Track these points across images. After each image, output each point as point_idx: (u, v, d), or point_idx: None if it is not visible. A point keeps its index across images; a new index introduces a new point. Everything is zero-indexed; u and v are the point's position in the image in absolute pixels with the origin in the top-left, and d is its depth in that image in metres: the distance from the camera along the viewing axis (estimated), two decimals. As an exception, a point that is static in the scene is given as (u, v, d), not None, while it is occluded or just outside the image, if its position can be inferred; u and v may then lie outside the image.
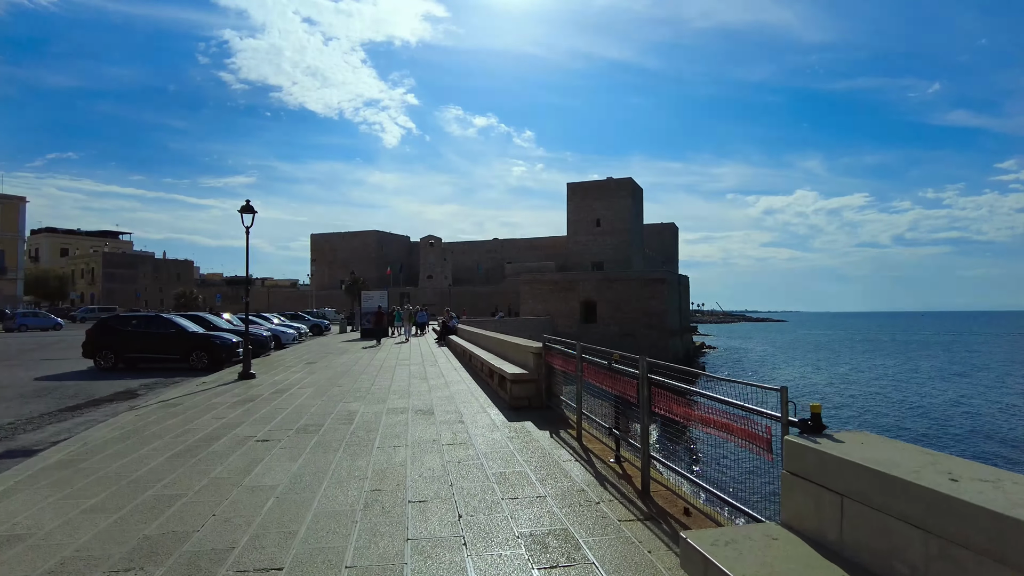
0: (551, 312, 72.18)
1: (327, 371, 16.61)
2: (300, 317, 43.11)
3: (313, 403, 11.06)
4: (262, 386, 13.58)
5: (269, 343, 23.24)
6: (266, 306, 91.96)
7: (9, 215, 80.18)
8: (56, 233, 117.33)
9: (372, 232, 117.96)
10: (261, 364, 18.88)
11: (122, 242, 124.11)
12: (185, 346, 18.64)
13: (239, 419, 9.58)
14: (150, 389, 14.39)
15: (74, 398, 12.96)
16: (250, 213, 15.49)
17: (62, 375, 17.07)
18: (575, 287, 74.05)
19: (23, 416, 10.82)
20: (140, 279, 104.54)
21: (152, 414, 10.21)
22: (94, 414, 11.09)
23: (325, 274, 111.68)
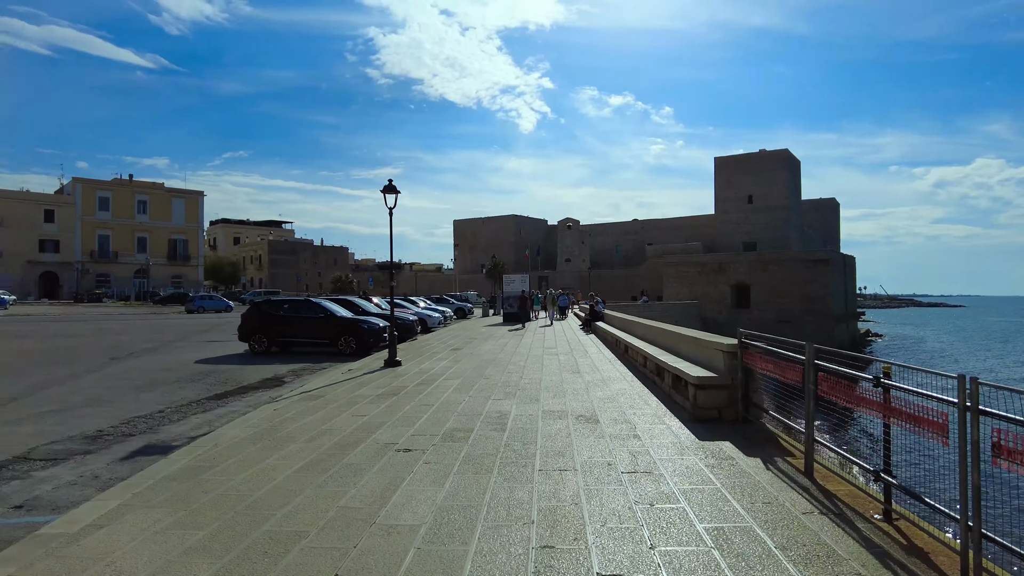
0: (698, 296, 68.00)
1: (473, 359, 15.53)
2: (445, 300, 43.34)
3: (460, 399, 9.82)
4: (407, 376, 12.66)
5: (415, 327, 22.82)
6: (413, 289, 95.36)
7: (191, 208, 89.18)
8: (230, 223, 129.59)
9: (510, 217, 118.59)
10: (407, 349, 18.28)
11: (285, 231, 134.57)
12: (334, 331, 18.47)
13: (381, 418, 8.50)
14: (297, 376, 14.03)
15: (224, 384, 12.78)
16: (393, 193, 14.66)
17: (219, 358, 17.44)
18: (725, 269, 69.07)
19: (173, 404, 10.56)
20: (301, 264, 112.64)
21: (291, 408, 9.46)
22: (237, 404, 10.62)
23: (467, 258, 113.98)
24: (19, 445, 7.72)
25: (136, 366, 15.70)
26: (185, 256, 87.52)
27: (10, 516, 5.38)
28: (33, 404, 10.49)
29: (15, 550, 4.40)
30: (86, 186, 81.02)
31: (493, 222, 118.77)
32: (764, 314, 62.54)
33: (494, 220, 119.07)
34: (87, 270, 78.48)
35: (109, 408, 10.13)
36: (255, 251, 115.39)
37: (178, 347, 20.96)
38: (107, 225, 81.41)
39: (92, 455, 7.28)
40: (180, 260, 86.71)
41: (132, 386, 12.46)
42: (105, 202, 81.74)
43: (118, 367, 15.53)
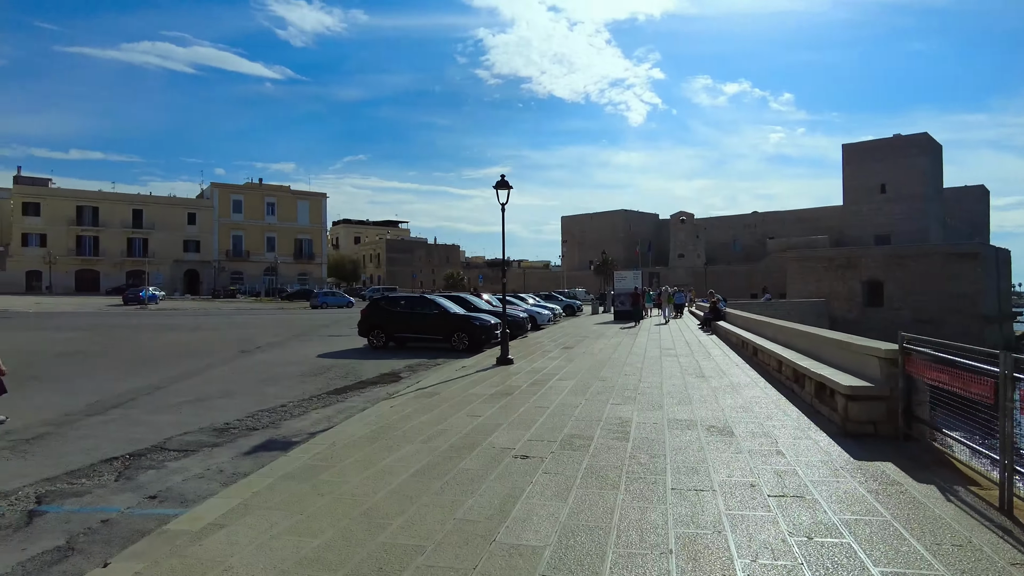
0: (825, 294, 63.54)
1: (586, 358, 15.00)
2: (554, 297, 43.02)
3: (576, 402, 9.34)
4: (520, 375, 12.35)
5: (526, 324, 22.61)
6: (522, 286, 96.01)
7: (315, 209, 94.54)
8: (351, 224, 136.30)
9: (619, 212, 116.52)
10: (518, 347, 18.04)
11: (401, 230, 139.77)
12: (447, 327, 18.57)
13: (495, 419, 8.19)
14: (412, 372, 14.12)
15: (343, 379, 13.04)
16: (505, 189, 14.41)
17: (340, 353, 17.98)
18: (856, 264, 64.12)
19: (295, 398, 10.83)
20: (415, 262, 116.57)
21: (407, 405, 9.37)
22: (356, 399, 10.72)
23: (575, 255, 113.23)
24: (158, 434, 8.08)
25: (263, 360, 16.48)
26: (310, 255, 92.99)
27: (145, 506, 5.51)
28: (173, 394, 11.12)
29: (144, 545, 4.41)
30: (222, 190, 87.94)
31: (601, 218, 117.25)
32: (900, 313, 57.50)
33: (602, 216, 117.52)
34: (223, 268, 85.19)
35: (237, 400, 10.53)
36: (374, 249, 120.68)
37: (302, 341, 21.93)
38: (240, 226, 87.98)
39: (219, 448, 7.47)
40: (305, 258, 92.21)
41: (258, 379, 12.99)
42: (238, 205, 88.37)
43: (247, 360, 16.36)
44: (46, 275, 74.01)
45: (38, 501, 5.68)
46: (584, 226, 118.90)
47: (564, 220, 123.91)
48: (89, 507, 5.49)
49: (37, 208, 76.80)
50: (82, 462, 6.83)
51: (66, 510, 5.43)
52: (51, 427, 8.54)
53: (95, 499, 5.70)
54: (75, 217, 78.47)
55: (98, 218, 79.97)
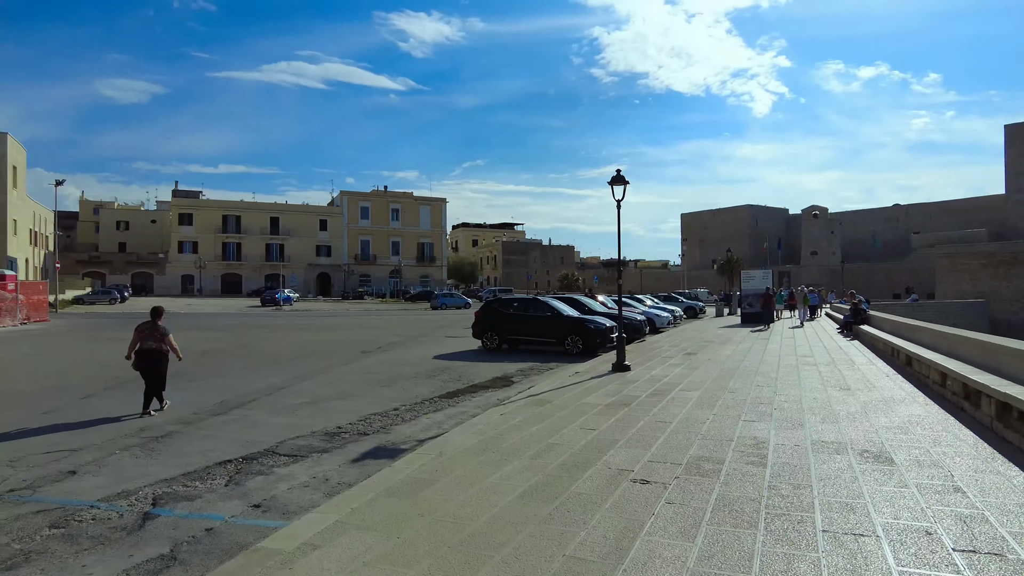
0: (983, 294, 56.70)
1: (712, 366, 13.90)
2: (673, 298, 41.23)
3: (702, 417, 8.46)
4: (638, 383, 11.56)
5: (643, 327, 21.60)
6: (639, 287, 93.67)
7: (436, 214, 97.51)
8: (468, 227, 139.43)
9: (744, 207, 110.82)
10: (635, 351, 17.16)
11: (517, 232, 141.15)
12: (561, 330, 18.03)
13: (611, 434, 7.53)
14: (525, 376, 13.71)
15: (456, 382, 12.85)
16: (621, 184, 13.64)
17: (454, 354, 17.95)
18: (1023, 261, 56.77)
19: (408, 401, 10.71)
20: (531, 263, 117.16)
21: (518, 413, 8.91)
22: (467, 404, 10.43)
23: (696, 254, 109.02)
24: (272, 437, 8.15)
25: (381, 360, 16.74)
26: (431, 257, 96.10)
27: (248, 516, 5.40)
28: (292, 395, 11.38)
29: (236, 564, 4.20)
30: (351, 198, 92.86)
31: (725, 213, 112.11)
32: (1080, 315, 50.27)
33: (726, 211, 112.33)
34: (352, 271, 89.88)
35: (352, 403, 10.56)
36: (490, 252, 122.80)
37: (420, 342, 22.25)
38: (367, 231, 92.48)
39: (327, 454, 7.36)
40: (427, 261, 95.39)
41: (375, 380, 13.09)
42: (365, 211, 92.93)
43: (366, 360, 16.68)
44: (197, 279, 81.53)
45: (154, 503, 5.74)
46: (706, 223, 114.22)
47: (684, 217, 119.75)
48: (197, 513, 5.45)
49: (190, 218, 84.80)
50: (199, 464, 6.94)
51: (176, 515, 5.42)
52: (180, 425, 8.88)
53: (204, 504, 5.67)
54: (221, 225, 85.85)
55: (241, 226, 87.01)
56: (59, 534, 5.03)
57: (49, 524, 5.24)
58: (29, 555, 4.65)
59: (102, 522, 5.28)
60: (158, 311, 10.43)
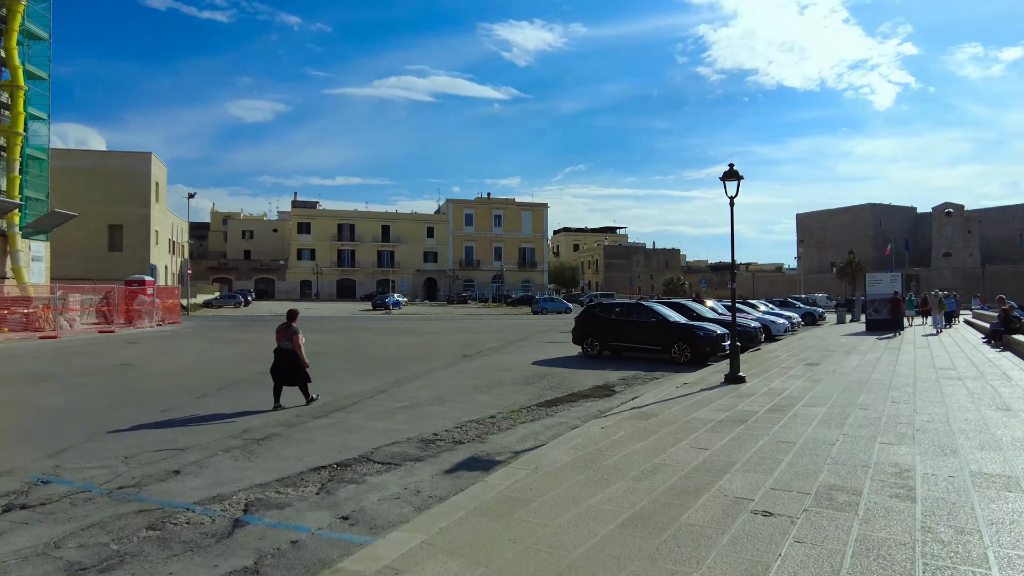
0: None
1: (837, 379, 12.59)
2: (790, 304, 38.70)
3: (830, 437, 7.49)
4: (754, 397, 10.59)
5: (758, 335, 20.19)
6: (750, 292, 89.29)
7: (537, 219, 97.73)
8: (570, 231, 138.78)
9: (866, 206, 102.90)
10: (750, 361, 15.97)
11: (619, 236, 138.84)
12: (666, 337, 17.10)
13: (726, 455, 6.77)
14: (628, 385, 13.00)
15: (555, 389, 12.37)
16: (734, 179, 12.66)
17: (554, 360, 17.48)
18: None
19: (506, 408, 10.35)
20: (634, 267, 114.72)
21: (620, 427, 8.30)
22: (566, 414, 9.92)
23: (812, 256, 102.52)
24: (368, 443, 8.02)
25: (481, 365, 16.57)
26: (532, 262, 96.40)
27: (335, 529, 5.18)
28: (392, 399, 11.34)
29: (316, 585, 3.93)
30: (456, 205, 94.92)
31: (844, 213, 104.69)
32: None
33: (846, 211, 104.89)
34: (456, 276, 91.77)
35: (449, 408, 10.34)
36: (592, 256, 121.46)
37: (520, 346, 21.97)
38: (471, 237, 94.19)
39: (421, 463, 7.10)
40: (528, 266, 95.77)
41: (473, 386, 12.86)
42: (469, 218, 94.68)
43: (466, 365, 16.56)
44: (314, 284, 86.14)
45: (245, 509, 5.66)
46: (824, 223, 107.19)
47: (800, 218, 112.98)
48: (285, 523, 5.29)
49: (308, 227, 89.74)
50: (293, 469, 6.87)
51: (264, 523, 5.28)
52: (281, 428, 8.97)
53: (293, 514, 5.52)
54: (336, 234, 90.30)
55: (354, 234, 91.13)
56: (154, 536, 5.01)
57: (147, 525, 5.25)
58: (124, 557, 4.63)
59: (195, 526, 5.23)
60: (293, 313, 10.92)
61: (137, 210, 59.24)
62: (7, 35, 31.59)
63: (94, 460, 7.28)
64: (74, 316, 27.78)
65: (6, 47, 31.55)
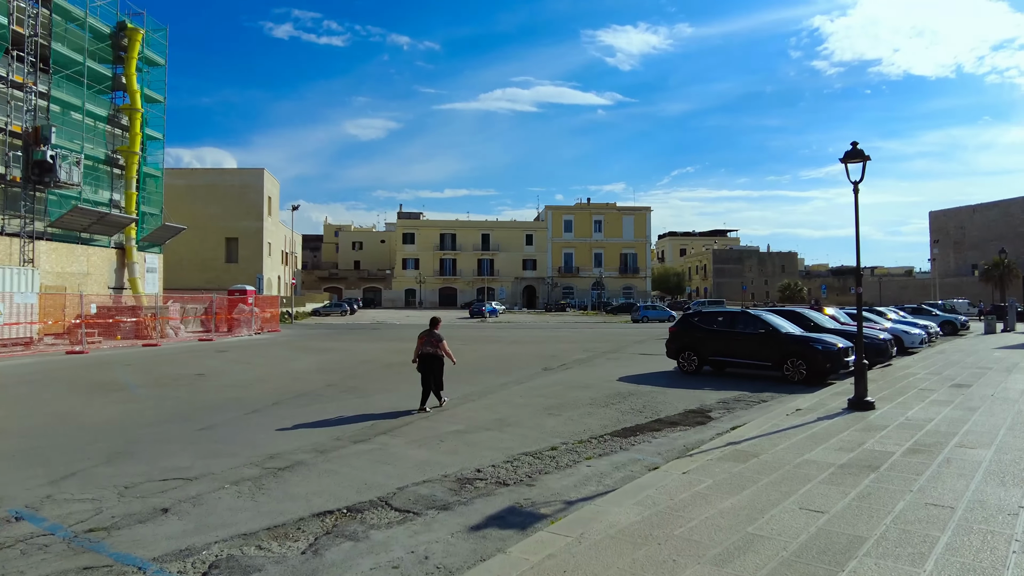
0: None
1: (999, 407, 9.99)
2: (924, 311, 34.15)
3: (1007, 500, 5.36)
4: (887, 430, 8.38)
5: (889, 348, 17.27)
6: (877, 298, 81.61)
7: (639, 224, 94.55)
8: (676, 236, 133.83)
9: (1016, 200, 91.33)
10: (879, 380, 13.41)
11: (730, 239, 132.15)
12: (778, 351, 14.76)
13: (850, 524, 4.88)
14: (728, 410, 11.00)
15: (638, 414, 10.61)
16: (858, 161, 10.39)
17: (644, 376, 15.61)
18: None
19: (572, 438, 8.77)
20: (746, 272, 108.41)
21: (708, 472, 6.51)
22: (644, 447, 8.20)
23: (949, 258, 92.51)
24: (396, 479, 6.75)
25: (560, 380, 15.01)
26: (634, 268, 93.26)
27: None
28: (446, 420, 10.06)
29: None
30: (555, 212, 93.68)
31: (988, 209, 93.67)
32: None
33: (989, 207, 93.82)
34: (555, 283, 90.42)
35: (506, 435, 8.91)
36: (700, 261, 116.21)
37: (610, 359, 20.19)
38: (570, 244, 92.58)
39: (446, 513, 5.70)
40: (630, 272, 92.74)
41: (543, 406, 11.35)
42: (568, 224, 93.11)
43: (544, 379, 15.07)
44: (418, 292, 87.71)
45: (206, 572, 4.50)
46: (963, 221, 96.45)
47: (934, 216, 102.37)
48: (239, 602, 4.06)
49: (412, 237, 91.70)
50: (294, 513, 5.69)
51: (215, 601, 4.07)
52: (311, 455, 7.89)
53: (256, 586, 4.29)
54: (439, 243, 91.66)
55: (456, 243, 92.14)
56: (79, 612, 3.93)
57: (82, 592, 4.20)
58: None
59: (132, 599, 4.10)
60: (435, 321, 11.31)
61: (251, 223, 62.55)
62: (127, 62, 33.78)
63: (91, 489, 6.47)
64: (178, 324, 28.89)
65: (126, 73, 33.72)
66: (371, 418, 10.29)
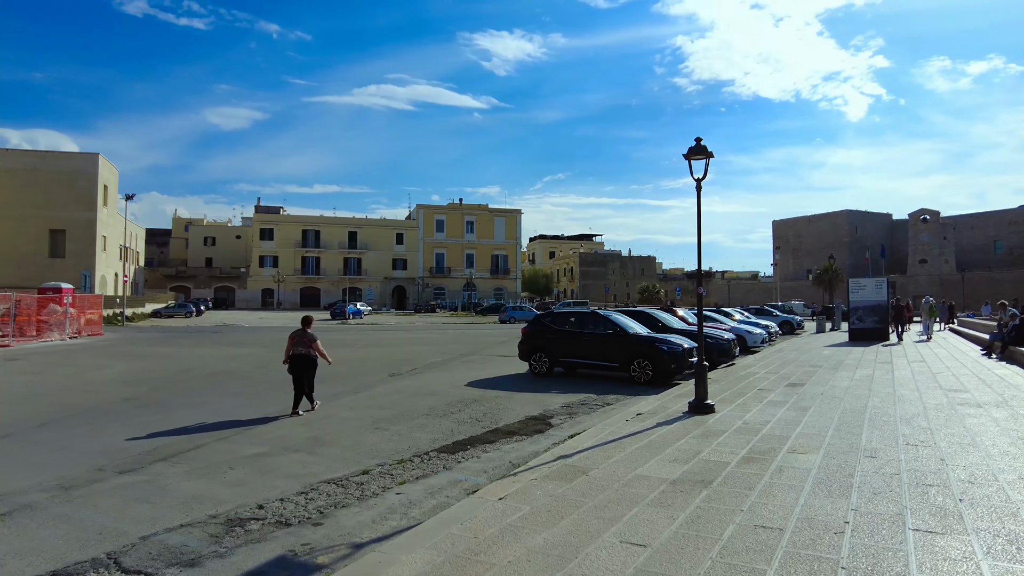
0: None
1: (828, 405, 10.12)
2: (766, 312, 36.50)
3: (835, 517, 4.93)
4: (724, 436, 8.04)
5: (732, 348, 17.72)
6: (726, 300, 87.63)
7: (511, 226, 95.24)
8: (546, 239, 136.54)
9: (843, 212, 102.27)
10: (722, 380, 13.50)
11: (596, 243, 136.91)
12: (625, 351, 14.54)
13: (673, 559, 4.18)
14: (570, 415, 10.40)
15: (476, 423, 9.71)
16: (701, 158, 10.16)
17: (495, 380, 14.84)
18: None
19: (392, 457, 7.67)
20: (609, 275, 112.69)
21: (527, 497, 5.66)
22: (472, 464, 7.28)
23: (789, 264, 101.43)
24: (146, 524, 5.30)
25: (404, 387, 13.86)
26: (505, 270, 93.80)
27: None
28: (251, 440, 8.59)
29: None
30: (427, 211, 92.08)
31: (821, 220, 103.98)
32: None
33: (822, 218, 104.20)
34: (426, 284, 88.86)
35: (314, 458, 7.63)
36: (567, 263, 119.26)
37: (466, 361, 19.31)
38: (442, 244, 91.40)
39: (189, 572, 4.39)
40: (501, 274, 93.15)
41: (374, 418, 10.17)
42: (441, 224, 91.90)
43: (385, 387, 13.85)
44: (276, 292, 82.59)
45: None
46: (800, 230, 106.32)
47: (776, 225, 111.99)
48: None
49: (271, 233, 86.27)
50: (-36, 591, 4.15)
51: None
52: (51, 493, 6.22)
53: None
54: (301, 240, 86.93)
55: (320, 240, 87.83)
56: None
57: None
58: None
59: None
60: (308, 320, 11.39)
61: (82, 214, 55.66)
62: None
63: None
64: (-35, 328, 24.50)
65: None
66: (161, 437, 8.61)
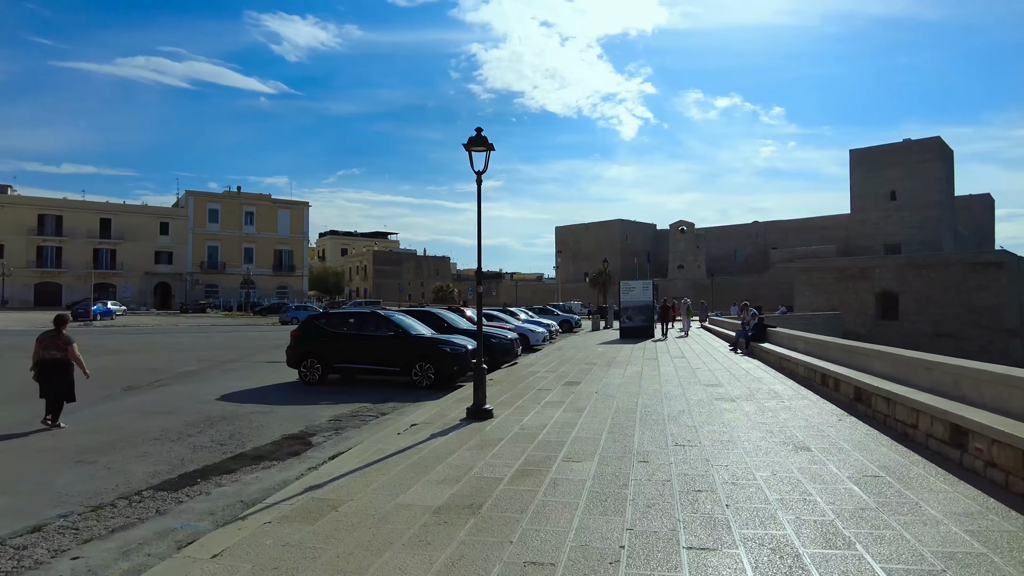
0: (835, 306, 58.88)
1: (602, 405, 10.16)
2: (549, 311, 38.15)
3: (609, 542, 4.48)
4: (500, 444, 7.48)
5: (515, 347, 17.73)
6: (513, 300, 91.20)
7: (296, 219, 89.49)
8: (337, 235, 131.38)
9: (616, 222, 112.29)
10: (503, 381, 13.21)
11: (390, 242, 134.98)
12: (407, 354, 13.65)
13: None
14: (337, 431, 9.22)
15: (218, 448, 8.12)
16: (482, 149, 9.61)
17: (255, 391, 13.05)
18: (869, 275, 59.70)
19: (94, 500, 5.91)
20: (404, 275, 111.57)
21: (250, 551, 4.47)
22: (198, 503, 5.84)
23: (569, 267, 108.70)
24: None
25: (138, 404, 11.53)
26: (290, 267, 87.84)
27: None
28: None
29: None
30: (198, 199, 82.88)
31: (597, 228, 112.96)
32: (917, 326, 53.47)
33: (599, 226, 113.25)
34: (197, 281, 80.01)
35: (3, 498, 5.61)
36: (361, 261, 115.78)
37: (227, 370, 16.98)
38: (216, 236, 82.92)
39: None
40: (285, 271, 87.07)
41: (82, 447, 8.06)
42: (215, 214, 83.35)
43: (116, 404, 11.43)
44: (2, 288, 68.60)
45: None
46: (579, 237, 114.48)
47: (559, 230, 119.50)
48: None
49: (-7, 217, 71.46)
50: None
51: None
52: None
53: None
54: (36, 226, 73.24)
55: (62, 228, 74.75)
56: None
57: None
58: None
59: None
60: (63, 319, 9.85)
61: None
62: None
63: None
64: None
65: None
66: None
